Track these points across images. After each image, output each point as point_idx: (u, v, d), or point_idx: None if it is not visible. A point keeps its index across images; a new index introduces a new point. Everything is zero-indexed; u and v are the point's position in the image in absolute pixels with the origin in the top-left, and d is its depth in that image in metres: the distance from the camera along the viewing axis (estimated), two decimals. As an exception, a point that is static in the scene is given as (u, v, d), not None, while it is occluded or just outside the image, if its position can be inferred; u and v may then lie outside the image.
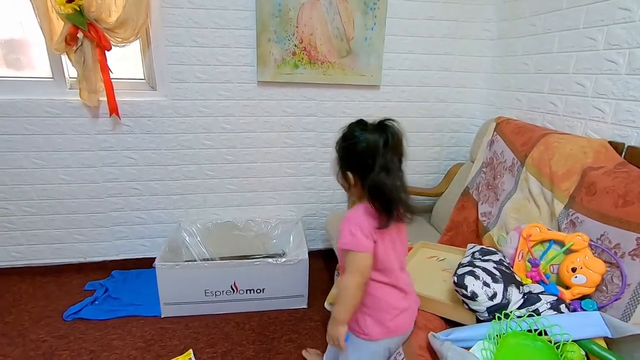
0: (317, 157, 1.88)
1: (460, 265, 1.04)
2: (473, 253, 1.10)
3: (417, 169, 2.01)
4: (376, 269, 0.87)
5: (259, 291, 1.57)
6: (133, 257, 1.89)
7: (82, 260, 1.86)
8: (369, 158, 0.82)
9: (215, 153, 1.79)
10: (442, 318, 1.04)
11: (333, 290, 1.36)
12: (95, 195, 1.76)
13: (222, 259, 1.85)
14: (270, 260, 1.54)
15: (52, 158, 1.68)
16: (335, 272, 1.59)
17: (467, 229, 1.54)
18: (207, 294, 1.53)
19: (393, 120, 0.85)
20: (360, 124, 0.86)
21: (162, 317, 1.54)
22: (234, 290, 1.55)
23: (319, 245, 2.03)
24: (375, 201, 0.83)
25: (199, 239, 1.84)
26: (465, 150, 2.00)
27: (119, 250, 1.87)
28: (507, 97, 1.75)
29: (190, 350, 1.35)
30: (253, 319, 1.55)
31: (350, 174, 0.86)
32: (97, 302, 1.61)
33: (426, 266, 1.27)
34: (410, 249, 1.38)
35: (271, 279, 1.56)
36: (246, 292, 1.56)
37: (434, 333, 0.89)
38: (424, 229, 1.76)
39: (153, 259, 1.87)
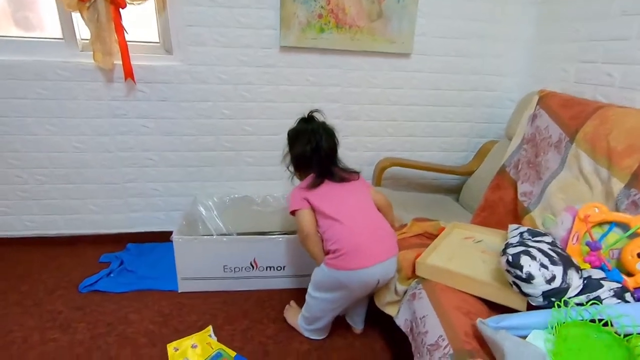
0: (342, 130, 1.74)
1: (510, 245, 0.94)
2: (521, 233, 1.01)
3: (445, 146, 1.89)
4: (321, 215, 1.12)
5: (279, 268, 1.50)
6: (148, 231, 1.83)
7: (96, 232, 1.81)
8: (296, 142, 1.21)
9: (233, 124, 1.70)
10: (483, 302, 0.96)
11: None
12: (109, 165, 1.69)
13: (239, 234, 1.79)
14: (291, 236, 1.47)
15: (65, 125, 1.60)
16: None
17: (503, 210, 1.44)
18: (225, 270, 1.47)
19: (317, 110, 1.25)
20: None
21: (179, 292, 1.49)
22: (253, 267, 1.48)
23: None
24: (298, 168, 1.23)
25: (215, 213, 1.77)
26: (497, 127, 1.87)
27: (133, 223, 1.82)
28: (550, 68, 1.61)
29: (210, 327, 1.30)
30: (273, 296, 1.49)
31: (291, 161, 1.23)
32: (112, 275, 1.57)
33: (463, 247, 1.17)
34: (442, 229, 1.28)
35: (292, 256, 1.49)
36: (266, 269, 1.50)
37: (482, 320, 0.81)
38: (452, 208, 1.66)
39: (168, 233, 1.81)
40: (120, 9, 1.43)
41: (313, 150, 1.16)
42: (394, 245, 1.12)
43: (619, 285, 0.83)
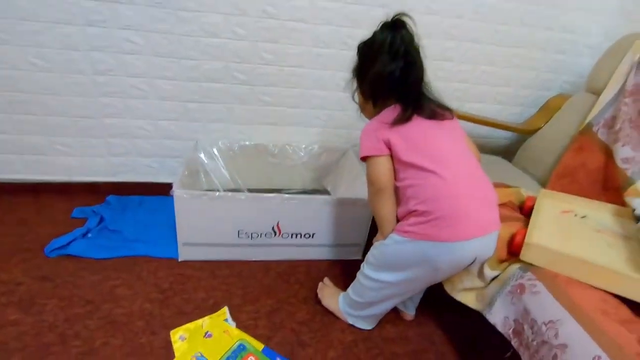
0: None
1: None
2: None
3: (500, 98, 1.58)
4: (406, 164, 0.82)
5: (307, 236, 1.20)
6: (133, 181, 1.47)
7: (66, 179, 1.43)
8: (377, 57, 0.84)
9: (249, 47, 1.30)
10: (624, 302, 0.70)
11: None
12: (82, 92, 1.28)
13: (250, 191, 1.46)
14: (327, 198, 1.16)
15: (16, 30, 1.15)
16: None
17: (586, 178, 1.18)
18: (240, 236, 1.16)
19: (406, 15, 0.84)
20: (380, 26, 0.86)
21: (180, 260, 1.17)
22: (275, 233, 1.18)
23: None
24: (375, 96, 0.90)
25: (221, 163, 1.43)
26: (565, 79, 1.56)
27: (115, 169, 1.44)
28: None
29: (225, 309, 1.02)
30: (299, 269, 1.21)
31: (364, 86, 0.91)
32: (90, 235, 1.22)
33: (567, 224, 0.91)
34: (530, 199, 1.01)
35: (324, 223, 1.19)
36: (291, 237, 1.19)
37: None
38: (510, 172, 1.39)
39: (160, 185, 1.47)
40: None
41: (403, 69, 0.82)
42: (498, 214, 0.83)
43: None
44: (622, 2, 1.39)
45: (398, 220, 0.86)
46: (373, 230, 1.25)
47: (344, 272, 1.22)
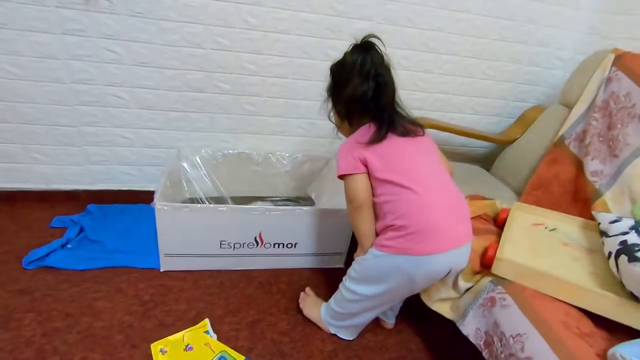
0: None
1: (629, 246, 0.72)
2: (634, 227, 0.79)
3: (478, 108, 1.62)
4: (383, 182, 0.85)
5: (289, 246, 1.22)
6: (114, 189, 1.45)
7: (44, 187, 1.40)
8: (350, 78, 0.86)
9: (232, 58, 1.30)
10: (587, 314, 0.75)
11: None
12: (60, 100, 1.26)
13: (233, 199, 1.47)
14: (309, 209, 1.17)
15: (-9, 37, 1.13)
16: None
17: (559, 189, 1.23)
18: (223, 246, 1.17)
19: (375, 36, 0.87)
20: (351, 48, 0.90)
21: (162, 270, 1.17)
22: (258, 243, 1.19)
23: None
24: (350, 116, 0.92)
25: (204, 171, 1.43)
26: (540, 90, 1.62)
27: (95, 177, 1.43)
28: (625, 22, 1.34)
29: (207, 320, 1.02)
30: (281, 278, 1.22)
31: (338, 106, 0.94)
32: (70, 246, 1.21)
33: (537, 237, 0.95)
34: (503, 211, 1.05)
35: (307, 232, 1.21)
36: (273, 247, 1.21)
37: (619, 352, 0.60)
38: (488, 181, 1.44)
39: (141, 193, 1.46)
40: None
41: (375, 90, 0.85)
42: (470, 226, 0.87)
43: None
44: (592, 20, 1.45)
45: (377, 235, 0.89)
46: (355, 240, 1.28)
47: (326, 280, 1.25)
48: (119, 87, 1.28)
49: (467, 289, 0.88)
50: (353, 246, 1.29)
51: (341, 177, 0.89)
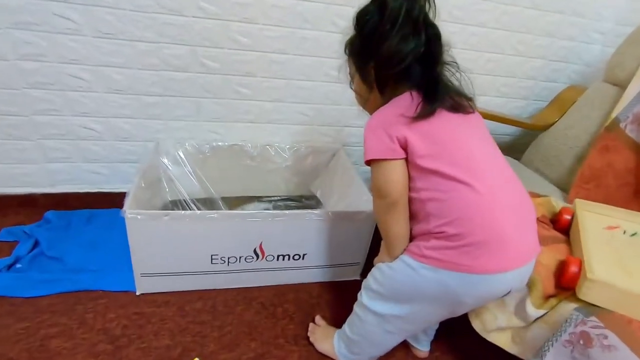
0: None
1: None
2: None
3: (504, 90, 1.42)
4: (429, 172, 0.63)
5: (296, 257, 1.00)
6: (79, 191, 1.20)
7: (-9, 191, 1.15)
8: (388, 31, 0.62)
9: (219, 28, 1.06)
10: None
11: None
12: (4, 82, 1.00)
13: (224, 201, 1.24)
14: (320, 213, 0.95)
15: None
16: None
17: (615, 181, 1.03)
18: (214, 261, 0.94)
19: None
20: None
21: (138, 294, 0.94)
22: (258, 256, 0.96)
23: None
24: (384, 82, 0.68)
25: (189, 168, 1.19)
26: (572, 68, 1.42)
27: (54, 178, 1.17)
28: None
29: (196, 361, 0.80)
30: (286, 297, 1.00)
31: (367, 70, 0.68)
32: (19, 266, 0.96)
33: (619, 246, 0.75)
34: (565, 210, 0.85)
35: (317, 241, 0.99)
36: (277, 259, 0.98)
37: None
38: (523, 173, 1.23)
39: (112, 195, 1.22)
40: None
41: (426, 45, 0.63)
42: (537, 234, 0.66)
43: None
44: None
45: (411, 239, 0.68)
46: (374, 246, 1.06)
47: (340, 295, 1.03)
48: (78, 65, 1.02)
49: (538, 318, 0.68)
50: (372, 254, 1.08)
51: (369, 162, 0.67)
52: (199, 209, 1.17)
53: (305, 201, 1.35)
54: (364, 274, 1.10)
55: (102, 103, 1.09)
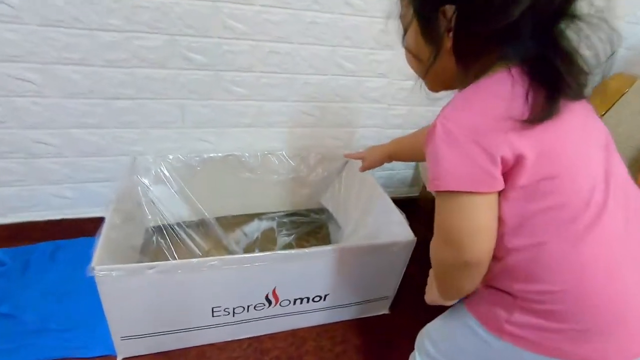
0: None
1: None
2: None
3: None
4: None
5: (317, 299, 0.81)
6: (38, 220, 0.97)
7: None
8: None
9: (207, 11, 0.83)
10: None
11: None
12: None
13: (219, 221, 1.03)
14: (344, 248, 0.76)
15: None
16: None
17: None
18: (216, 314, 0.74)
19: None
20: None
21: (120, 359, 0.74)
22: (271, 303, 0.77)
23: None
24: (473, 53, 0.42)
25: (174, 187, 0.97)
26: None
27: (5, 205, 0.94)
28: None
29: None
30: (306, 346, 0.82)
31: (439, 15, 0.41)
32: (-40, 330, 0.75)
33: None
34: None
35: (342, 277, 0.80)
36: (293, 303, 0.80)
37: None
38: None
39: (80, 222, 1.00)
40: None
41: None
42: None
43: None
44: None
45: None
46: (407, 276, 0.89)
47: (368, 336, 0.87)
48: (24, 64, 0.78)
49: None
50: (404, 285, 0.91)
51: (440, 192, 0.42)
52: (188, 235, 0.97)
53: (314, 216, 1.16)
54: (393, 307, 0.94)
55: (59, 110, 0.85)
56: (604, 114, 1.11)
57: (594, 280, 0.41)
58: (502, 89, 0.40)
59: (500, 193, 0.42)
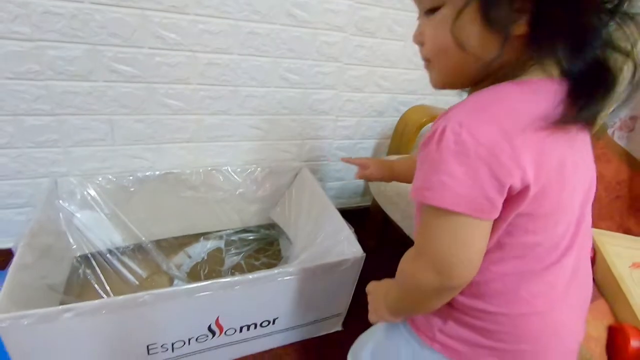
0: (344, 52, 0.99)
1: None
2: None
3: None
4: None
5: (265, 324, 0.77)
6: (-61, 253, 0.84)
7: None
8: None
9: (135, 19, 0.76)
10: None
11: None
12: None
13: (158, 244, 0.96)
14: (291, 271, 0.72)
15: None
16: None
17: (607, 194, 0.96)
18: (152, 352, 0.67)
19: None
20: None
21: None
22: (214, 333, 0.72)
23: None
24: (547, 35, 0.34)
25: (104, 211, 0.88)
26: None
27: None
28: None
29: None
30: (255, 376, 0.78)
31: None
32: None
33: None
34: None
35: (292, 300, 0.77)
36: (240, 331, 0.75)
37: None
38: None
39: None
40: None
41: None
42: None
43: None
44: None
45: None
46: (359, 292, 0.87)
47: (321, 352, 0.84)
48: None
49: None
50: (356, 301, 0.89)
51: (431, 206, 0.37)
52: (123, 263, 0.88)
53: (264, 232, 1.11)
54: (346, 323, 0.92)
55: (-43, 130, 0.74)
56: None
57: (534, 317, 0.41)
58: (536, 103, 0.36)
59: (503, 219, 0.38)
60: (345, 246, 0.80)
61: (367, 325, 0.84)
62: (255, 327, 0.76)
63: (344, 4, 0.91)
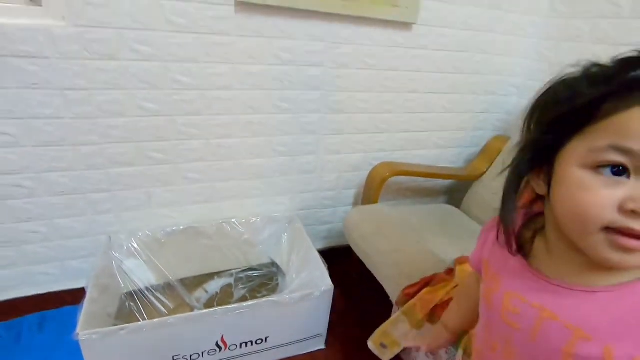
0: (322, 128, 1.29)
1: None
2: None
3: (440, 143, 1.55)
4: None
5: (259, 342, 1.03)
6: (27, 295, 1.16)
7: None
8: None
9: (164, 123, 1.09)
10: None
11: (389, 327, 0.91)
12: None
13: (182, 282, 1.24)
14: (277, 300, 0.99)
15: None
16: (394, 305, 0.98)
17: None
18: (176, 361, 0.94)
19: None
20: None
21: (100, 407, 0.92)
22: (221, 348, 0.98)
23: (319, 244, 1.49)
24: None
25: (143, 257, 1.18)
26: (497, 117, 1.59)
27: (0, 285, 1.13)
28: (571, 49, 1.34)
29: None
30: (253, 384, 1.02)
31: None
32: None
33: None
34: (450, 271, 0.94)
35: (279, 322, 1.02)
36: (239, 347, 1.01)
37: None
38: (464, 224, 1.34)
39: (62, 294, 1.19)
40: None
41: None
42: None
43: None
44: (540, 47, 1.44)
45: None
46: (336, 316, 1.12)
47: (307, 372, 1.07)
48: (18, 175, 1.01)
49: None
50: (334, 324, 1.13)
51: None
52: (156, 297, 1.17)
53: (266, 269, 1.38)
54: (328, 342, 1.15)
55: (47, 207, 1.07)
56: (487, 170, 1.42)
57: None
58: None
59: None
60: (320, 279, 1.06)
61: (346, 344, 1.09)
62: (252, 344, 1.01)
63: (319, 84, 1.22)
